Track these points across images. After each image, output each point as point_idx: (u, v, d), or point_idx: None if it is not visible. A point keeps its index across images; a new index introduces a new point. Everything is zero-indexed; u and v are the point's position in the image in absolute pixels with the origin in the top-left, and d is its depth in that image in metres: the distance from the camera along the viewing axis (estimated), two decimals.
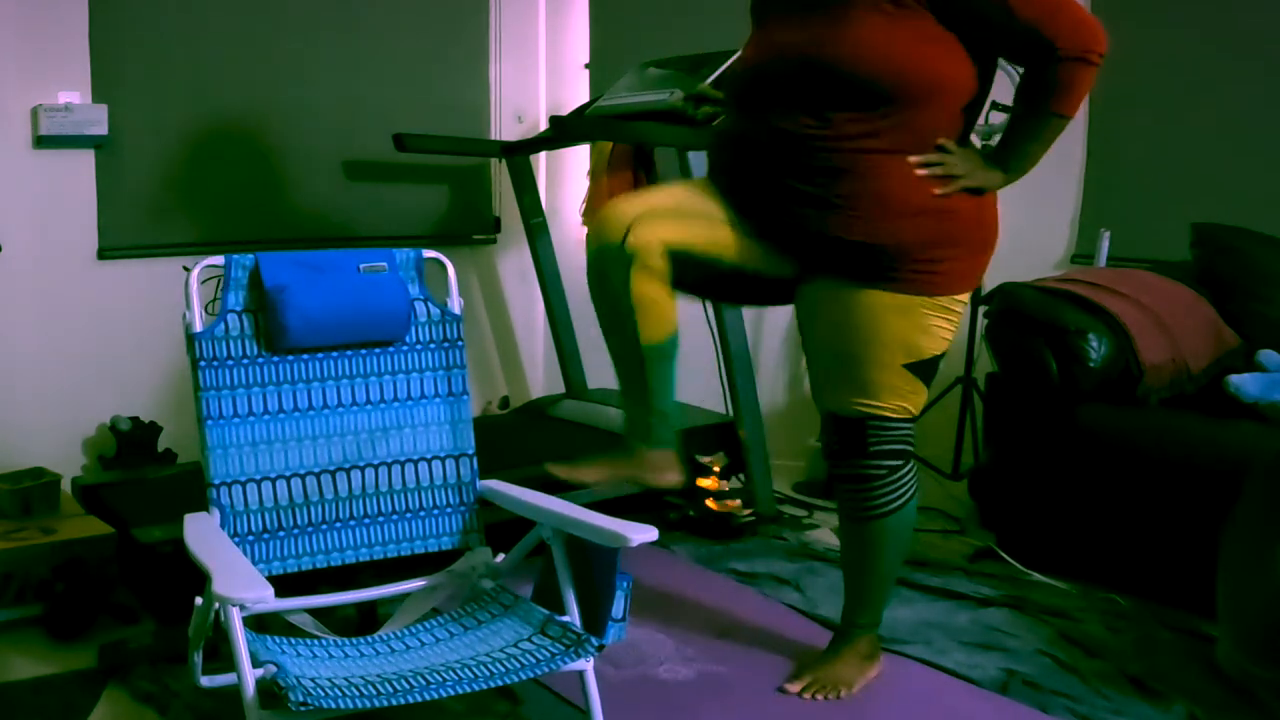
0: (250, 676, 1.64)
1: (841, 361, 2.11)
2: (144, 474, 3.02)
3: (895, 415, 2.11)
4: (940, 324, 2.10)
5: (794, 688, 2.22)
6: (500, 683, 1.73)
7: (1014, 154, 2.08)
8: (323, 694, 1.61)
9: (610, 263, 2.02)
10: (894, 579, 2.32)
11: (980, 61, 1.99)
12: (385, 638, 1.96)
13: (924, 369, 2.12)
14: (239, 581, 1.64)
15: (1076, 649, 2.40)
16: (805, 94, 1.96)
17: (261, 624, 2.08)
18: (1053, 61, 1.92)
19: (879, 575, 2.24)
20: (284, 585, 2.05)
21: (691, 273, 2.10)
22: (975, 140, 2.27)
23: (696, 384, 3.55)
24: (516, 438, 3.37)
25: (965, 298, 2.13)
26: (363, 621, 2.31)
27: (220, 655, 1.80)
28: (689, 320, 3.46)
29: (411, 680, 1.70)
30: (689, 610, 2.62)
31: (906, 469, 2.15)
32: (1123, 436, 2.70)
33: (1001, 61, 2.13)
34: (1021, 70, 2.07)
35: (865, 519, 2.17)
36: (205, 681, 1.87)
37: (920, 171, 1.97)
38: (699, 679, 2.28)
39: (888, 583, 2.28)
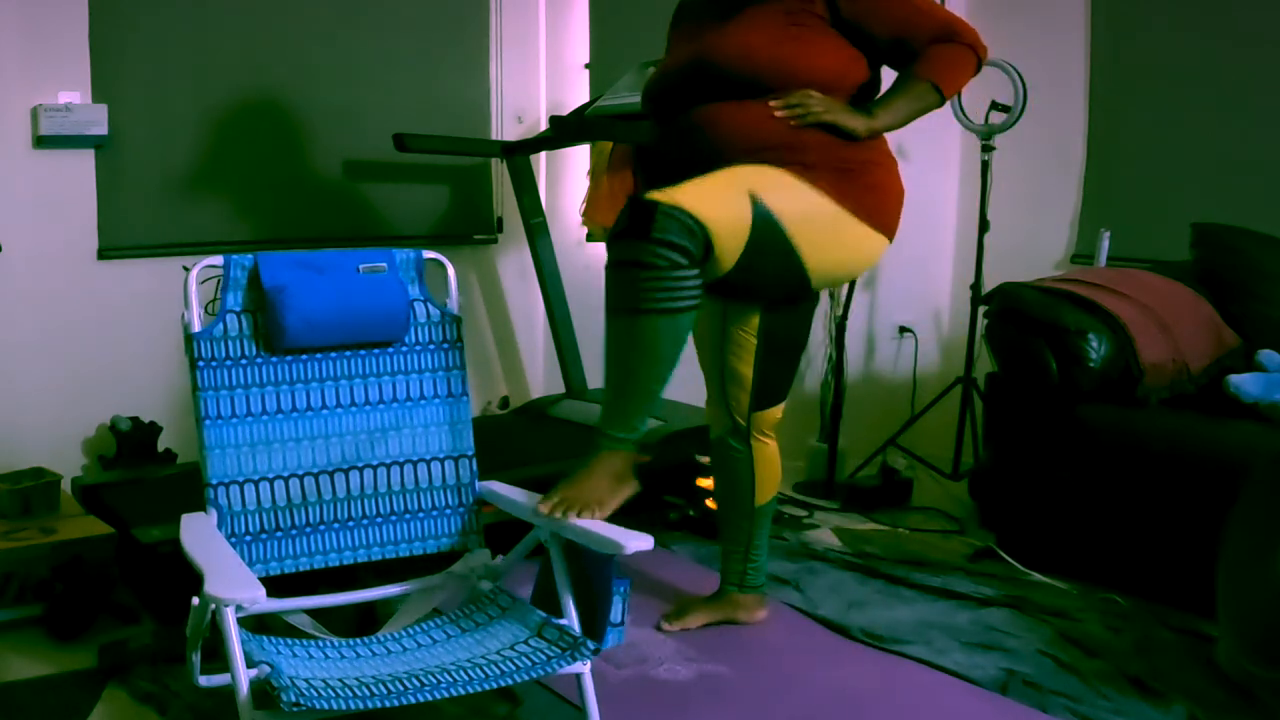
0: (244, 677, 1.64)
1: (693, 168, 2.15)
2: (144, 474, 3.02)
3: (692, 211, 1.99)
4: (799, 195, 2.12)
5: (544, 507, 1.98)
6: (496, 685, 1.73)
7: (881, 103, 2.22)
8: (316, 695, 1.61)
9: (734, 454, 2.48)
10: (652, 391, 2.10)
11: (870, 58, 2.22)
12: (382, 639, 1.96)
13: (762, 215, 2.06)
14: (231, 582, 1.64)
15: (1076, 649, 2.40)
16: (697, 92, 2.19)
17: (262, 624, 2.09)
18: (942, 41, 2.19)
19: (639, 379, 2.08)
20: (284, 586, 2.05)
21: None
22: (971, 137, 2.27)
23: (696, 384, 3.55)
24: (516, 438, 3.37)
25: (857, 225, 2.17)
26: (362, 622, 2.31)
27: (219, 655, 1.80)
28: None
29: (406, 682, 1.70)
30: None
31: (687, 271, 2.01)
32: (1123, 436, 2.70)
33: (1000, 61, 2.17)
34: (1016, 70, 2.13)
35: (638, 311, 2.02)
36: (203, 681, 1.87)
37: (779, 113, 2.12)
38: (699, 679, 2.27)
39: (645, 392, 2.09)
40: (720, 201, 2.04)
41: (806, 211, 2.12)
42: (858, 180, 2.18)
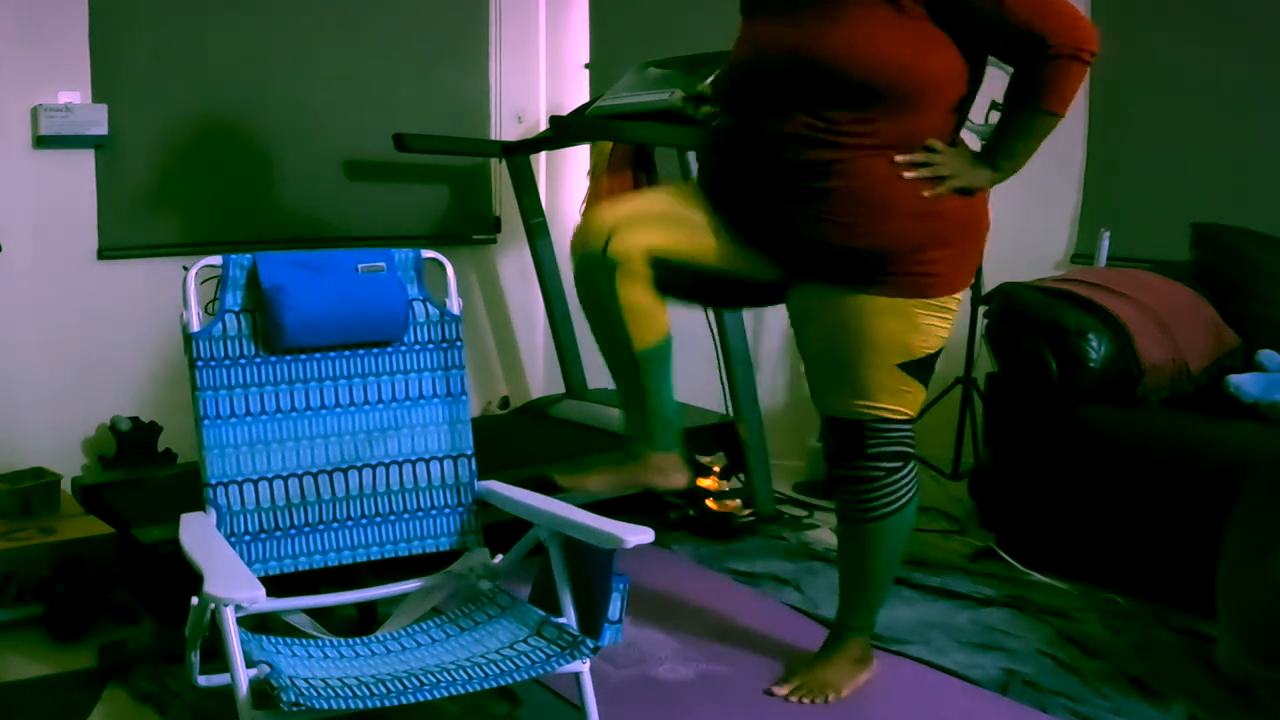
0: (244, 676, 1.64)
1: (837, 364, 2.11)
2: (144, 474, 3.02)
3: (892, 416, 2.10)
4: (935, 323, 2.09)
5: (782, 691, 2.20)
6: (495, 684, 1.73)
7: (1003, 152, 2.04)
8: (315, 694, 1.61)
9: (594, 271, 2.03)
10: (890, 582, 2.30)
11: (971, 60, 1.98)
12: (381, 638, 1.96)
13: (920, 368, 2.12)
14: (231, 582, 1.64)
15: (1076, 649, 2.40)
16: (796, 93, 1.95)
17: (262, 624, 2.09)
18: (1044, 59, 1.91)
19: (875, 578, 2.23)
20: (284, 585, 2.05)
21: (680, 278, 2.09)
22: (973, 139, 2.25)
23: (696, 384, 3.55)
24: (516, 438, 3.37)
25: (960, 295, 2.12)
26: (363, 622, 2.31)
27: (218, 655, 1.80)
28: (688, 321, 3.46)
29: (405, 681, 1.70)
30: (689, 610, 2.62)
31: (906, 470, 2.14)
32: (1123, 436, 2.70)
33: (997, 60, 2.12)
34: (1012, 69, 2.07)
35: (863, 521, 2.16)
36: (203, 681, 1.87)
37: (908, 174, 1.94)
38: (699, 679, 2.27)
39: (884, 586, 2.27)
40: (898, 388, 2.10)
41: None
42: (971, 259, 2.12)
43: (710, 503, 3.13)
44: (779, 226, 2.03)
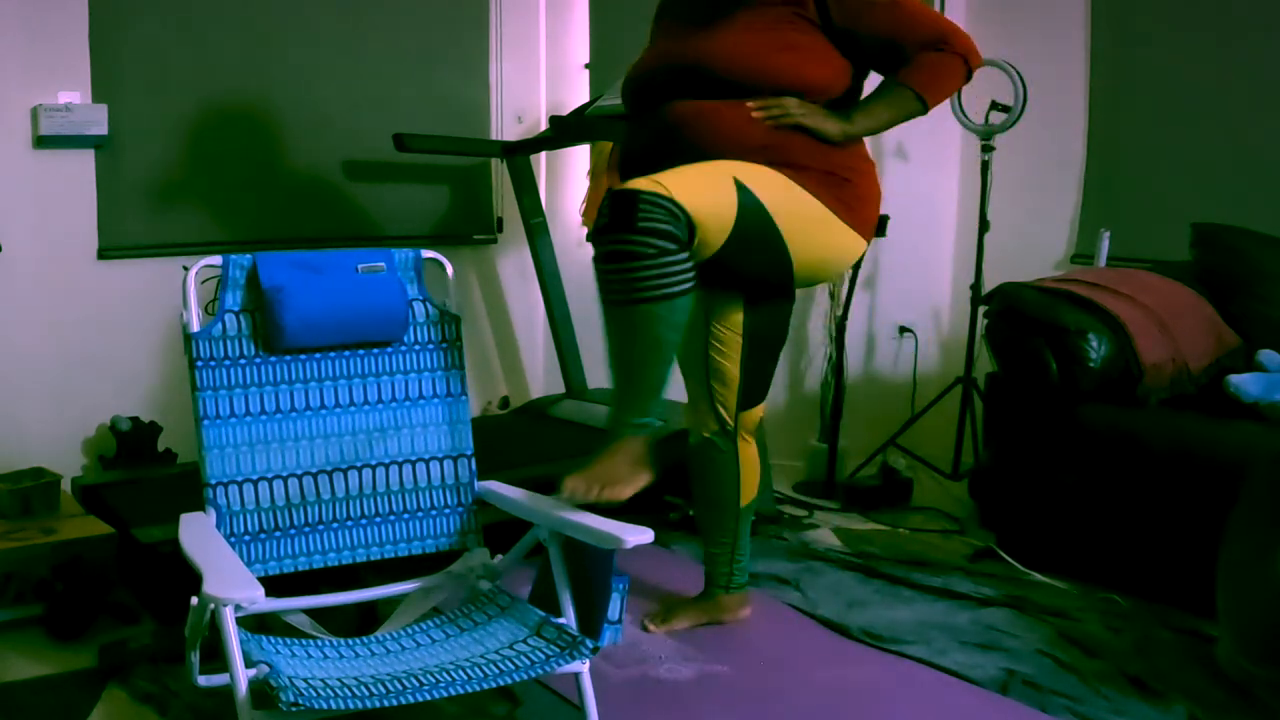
0: (243, 676, 1.64)
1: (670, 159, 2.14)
2: (144, 474, 3.02)
3: (667, 195, 1.98)
4: (795, 195, 2.13)
5: (568, 485, 2.00)
6: (494, 684, 1.73)
7: (860, 108, 2.23)
8: (315, 694, 1.61)
9: (718, 457, 2.47)
10: (660, 376, 2.10)
11: (854, 64, 2.21)
12: (381, 638, 1.96)
13: (750, 203, 2.07)
14: (230, 582, 1.64)
15: (1076, 649, 2.40)
16: (686, 94, 2.18)
17: (262, 624, 2.09)
18: (934, 49, 2.16)
19: (646, 367, 2.07)
20: (284, 585, 2.05)
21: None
22: (970, 138, 2.26)
23: None
24: (516, 438, 3.37)
25: (840, 228, 2.18)
26: (363, 622, 2.31)
27: (218, 655, 1.80)
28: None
29: (405, 681, 1.70)
30: None
31: (677, 256, 2.00)
32: (1123, 436, 2.70)
33: (1000, 61, 2.16)
34: (1016, 70, 2.11)
35: (632, 301, 2.01)
36: (203, 681, 1.87)
37: (755, 113, 2.12)
38: (699, 679, 2.27)
39: (654, 378, 2.09)
40: (704, 187, 2.05)
41: (793, 202, 2.14)
42: (842, 185, 2.19)
43: (692, 496, 3.12)
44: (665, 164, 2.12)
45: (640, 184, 2.00)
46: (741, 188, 2.06)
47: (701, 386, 2.46)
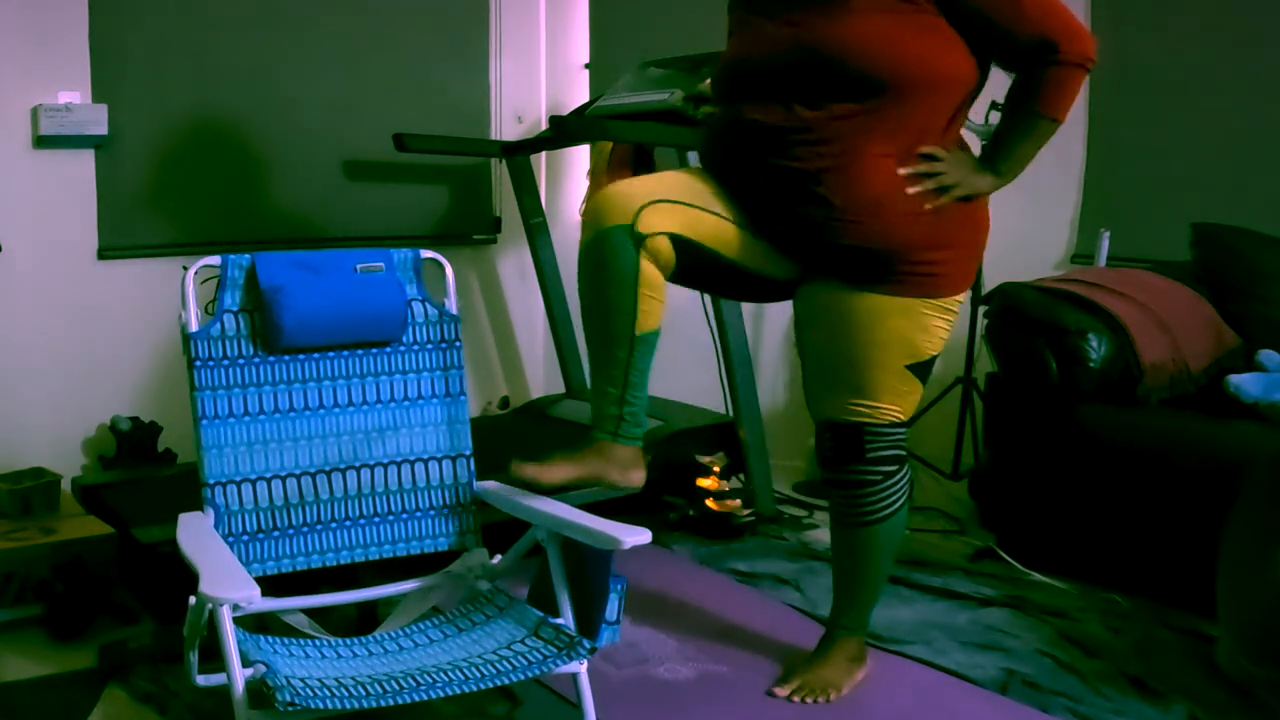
0: (240, 676, 1.64)
1: (840, 364, 2.10)
2: (144, 474, 3.02)
3: (891, 420, 2.10)
4: (939, 324, 2.09)
5: (783, 691, 2.20)
6: (491, 684, 1.72)
7: (1004, 156, 2.06)
8: (311, 694, 1.61)
9: (615, 245, 1.97)
10: (884, 583, 2.31)
11: (979, 56, 2.00)
12: (379, 638, 1.96)
13: (922, 369, 2.12)
14: (226, 581, 1.64)
15: (1076, 649, 2.40)
16: (801, 85, 1.95)
17: (262, 624, 2.09)
18: (1050, 64, 1.95)
19: (870, 579, 2.23)
20: (284, 585, 2.05)
21: (694, 263, 2.06)
22: (973, 139, 2.25)
23: (696, 384, 3.55)
24: (516, 438, 3.37)
25: (962, 297, 2.12)
26: (363, 622, 2.31)
27: (217, 654, 1.80)
28: (688, 321, 3.47)
29: (402, 681, 1.70)
30: (689, 610, 2.61)
31: (901, 473, 2.14)
32: (1123, 436, 2.70)
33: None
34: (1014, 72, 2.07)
35: (858, 524, 2.15)
36: (202, 681, 1.86)
37: (912, 188, 1.96)
38: (699, 679, 2.27)
39: (878, 586, 2.27)
40: (902, 393, 2.11)
41: (936, 334, 2.12)
42: (971, 260, 2.12)
43: (710, 503, 3.13)
44: (781, 226, 2.04)
45: (861, 409, 2.08)
46: (917, 372, 2.11)
47: (671, 191, 2.07)
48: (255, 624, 2.05)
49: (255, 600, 1.61)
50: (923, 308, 2.04)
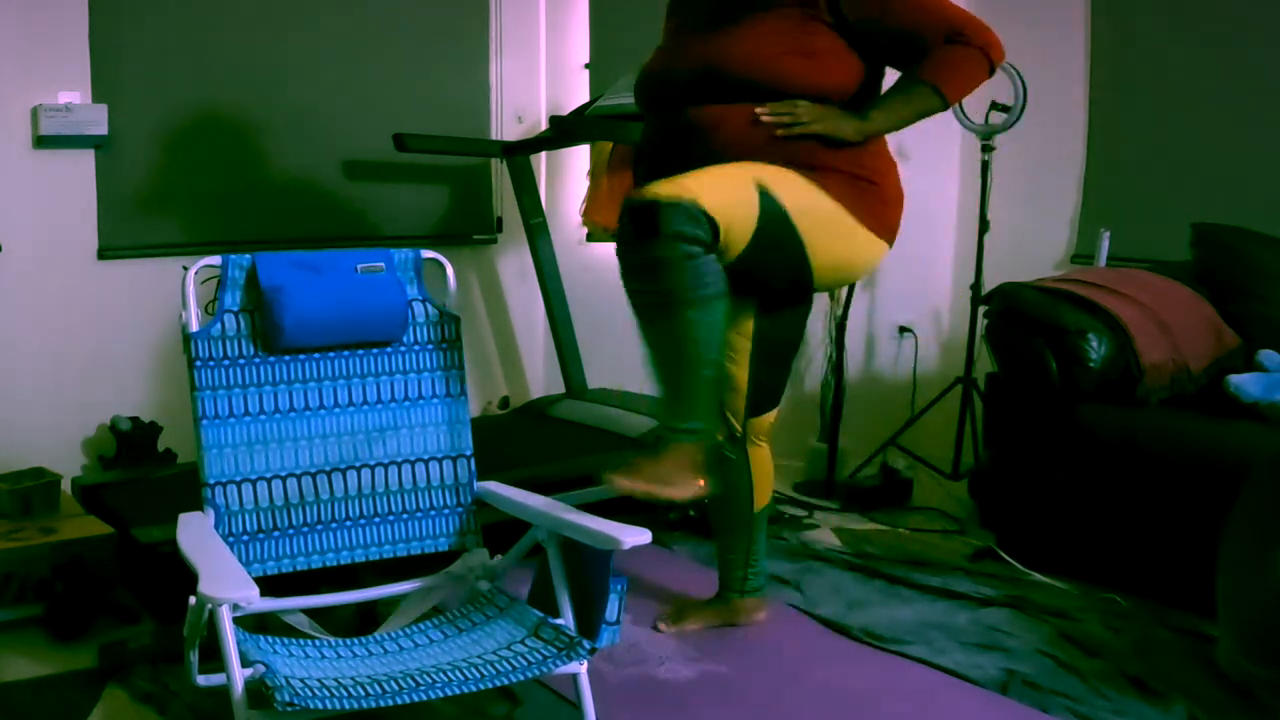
0: (239, 676, 1.64)
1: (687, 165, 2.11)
2: (144, 474, 3.02)
3: (690, 199, 1.95)
4: (813, 195, 2.10)
5: (615, 477, 1.97)
6: (490, 685, 1.72)
7: (878, 104, 2.18)
8: (310, 694, 1.61)
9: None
10: (706, 379, 2.07)
11: (870, 62, 2.17)
12: (379, 639, 1.96)
13: (771, 208, 2.04)
14: (225, 581, 1.64)
15: (1076, 649, 2.40)
16: (704, 94, 2.15)
17: (262, 624, 2.09)
18: (950, 43, 2.10)
19: (691, 373, 2.04)
20: (284, 585, 2.05)
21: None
22: (970, 138, 2.25)
23: None
24: (516, 438, 3.37)
25: (859, 229, 2.15)
26: (363, 622, 2.31)
27: (217, 654, 1.80)
28: None
29: (400, 681, 1.70)
30: None
31: (705, 258, 1.98)
32: (1123, 436, 2.70)
33: (1008, 65, 2.14)
34: (1016, 70, 2.09)
35: (669, 310, 1.99)
36: (202, 681, 1.87)
37: (765, 117, 2.09)
38: (699, 678, 2.27)
39: (700, 381, 2.06)
40: (725, 190, 2.02)
41: (814, 207, 2.11)
42: (865, 188, 2.17)
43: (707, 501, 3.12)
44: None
45: (660, 189, 1.97)
46: (763, 191, 2.04)
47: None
48: (256, 624, 2.05)
49: (254, 600, 1.61)
50: (806, 173, 2.11)
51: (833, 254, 2.17)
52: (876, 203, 2.19)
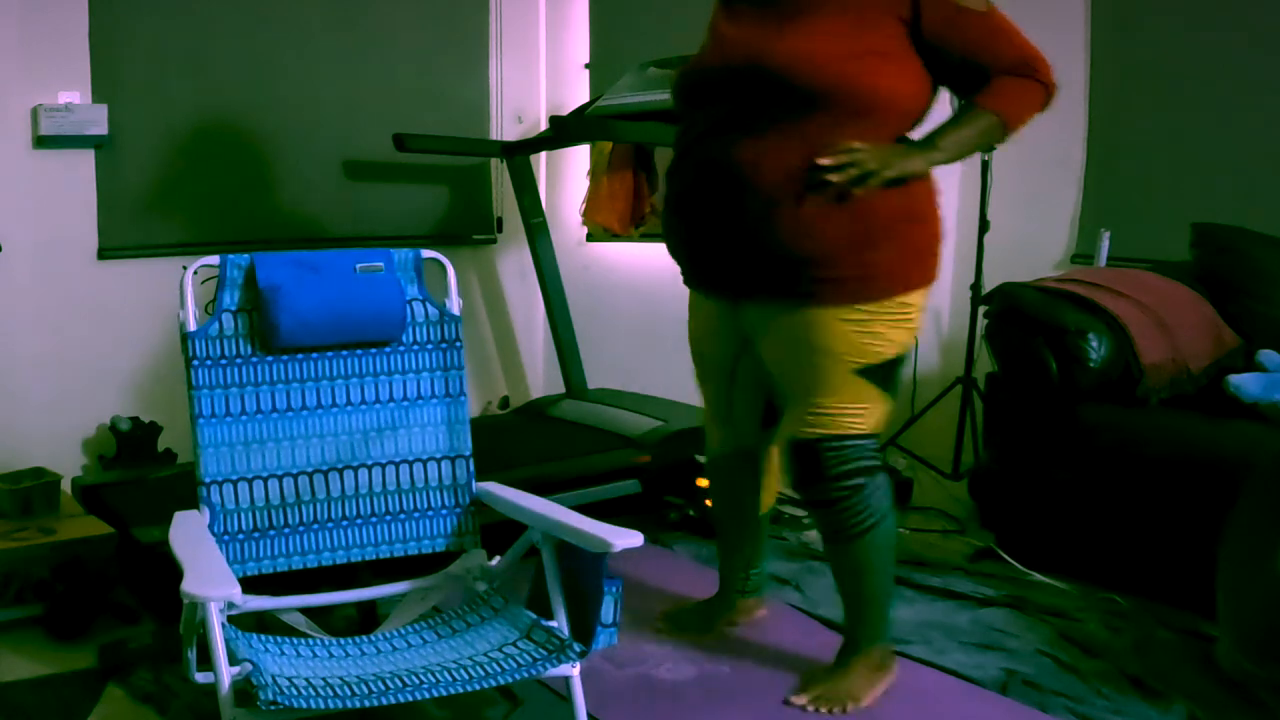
0: (226, 674, 1.64)
1: (789, 379, 2.08)
2: (144, 474, 3.02)
3: (850, 432, 2.04)
4: (884, 327, 2.02)
5: (799, 700, 2.14)
6: (480, 686, 1.71)
7: (944, 134, 2.02)
8: (295, 694, 1.60)
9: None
10: (889, 592, 2.22)
11: (935, 83, 2.02)
12: (374, 639, 1.96)
13: (879, 374, 2.05)
14: (207, 579, 1.64)
15: (1076, 649, 2.39)
16: (747, 99, 1.95)
17: (262, 623, 2.09)
18: (1021, 76, 2.00)
19: (872, 592, 2.18)
20: (288, 585, 2.05)
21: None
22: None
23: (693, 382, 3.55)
24: (516, 438, 3.37)
25: (918, 295, 2.08)
26: (364, 622, 2.31)
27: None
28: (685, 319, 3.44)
29: (389, 682, 1.69)
30: None
31: (873, 486, 2.08)
32: (1123, 436, 2.70)
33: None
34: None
35: (844, 540, 2.12)
36: (199, 678, 1.87)
37: (833, 176, 1.88)
38: (700, 678, 2.27)
39: (885, 595, 2.20)
40: (857, 399, 2.04)
41: (899, 324, 2.05)
42: (915, 234, 2.08)
43: (710, 503, 3.12)
44: (718, 245, 2.06)
45: (815, 422, 2.04)
46: (871, 376, 2.03)
47: (724, 408, 2.38)
48: (255, 623, 2.05)
49: (236, 598, 1.61)
50: (860, 312, 2.00)
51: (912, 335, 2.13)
52: (927, 252, 2.10)
